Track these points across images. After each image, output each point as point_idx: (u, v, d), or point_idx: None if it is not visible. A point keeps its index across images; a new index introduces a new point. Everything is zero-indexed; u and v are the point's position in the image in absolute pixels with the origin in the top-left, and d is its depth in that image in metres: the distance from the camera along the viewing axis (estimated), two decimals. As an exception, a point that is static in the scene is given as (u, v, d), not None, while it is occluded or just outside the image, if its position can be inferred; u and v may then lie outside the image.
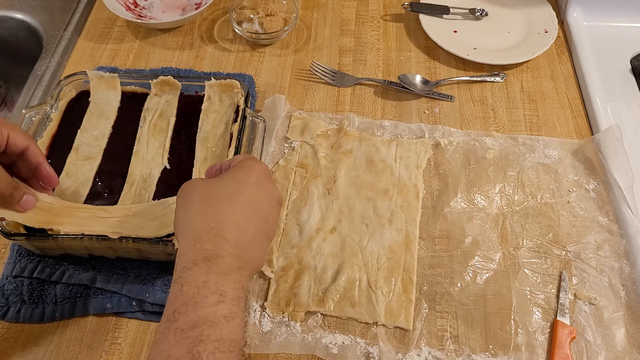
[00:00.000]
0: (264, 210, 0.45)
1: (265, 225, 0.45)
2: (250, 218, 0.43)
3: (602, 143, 0.73)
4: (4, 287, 0.62)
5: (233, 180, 0.45)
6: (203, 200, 0.44)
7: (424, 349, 0.59)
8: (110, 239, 0.57)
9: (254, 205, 0.44)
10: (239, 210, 0.43)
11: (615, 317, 0.60)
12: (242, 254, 0.41)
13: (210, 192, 0.44)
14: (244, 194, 0.44)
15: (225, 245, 0.41)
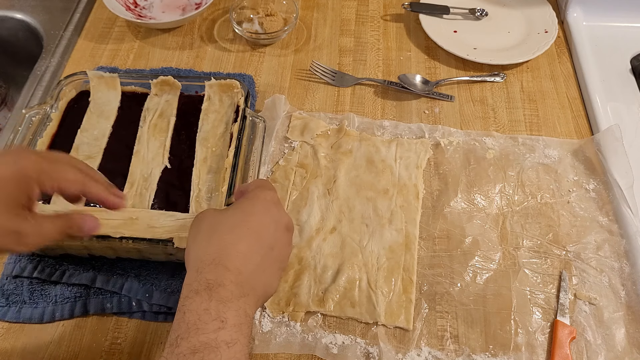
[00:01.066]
0: (269, 237, 0.45)
1: (271, 252, 0.45)
2: (254, 246, 0.44)
3: (602, 143, 0.73)
4: (4, 287, 0.62)
5: (238, 211, 0.46)
6: (209, 231, 0.45)
7: (424, 349, 0.59)
8: (110, 239, 0.57)
9: (258, 233, 0.45)
10: (243, 239, 0.44)
11: (615, 317, 0.60)
12: (245, 281, 0.42)
13: (216, 222, 0.45)
14: (248, 223, 0.45)
15: (226, 274, 0.41)
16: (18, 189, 0.44)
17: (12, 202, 0.44)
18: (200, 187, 0.65)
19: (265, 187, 0.50)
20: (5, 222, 0.43)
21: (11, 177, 0.44)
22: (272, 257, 0.45)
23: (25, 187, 0.45)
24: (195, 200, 0.64)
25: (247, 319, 0.41)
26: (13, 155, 0.46)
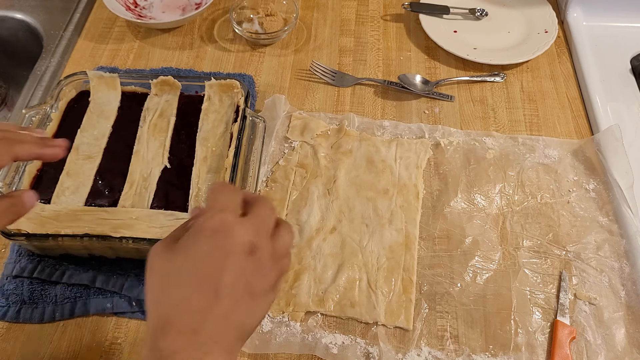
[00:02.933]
0: (225, 277, 0.37)
1: (233, 290, 0.37)
2: (208, 296, 0.37)
3: (602, 143, 0.73)
4: (4, 287, 0.62)
5: (182, 256, 0.38)
6: (159, 286, 0.39)
7: (424, 349, 0.59)
8: (110, 239, 0.57)
9: (210, 278, 0.37)
10: (194, 292, 0.37)
11: (615, 317, 0.60)
12: (205, 341, 0.36)
13: (164, 275, 0.39)
14: (196, 270, 0.37)
15: (179, 339, 0.36)
16: None
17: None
18: (199, 187, 0.65)
19: (212, 210, 0.40)
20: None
21: None
22: (236, 295, 0.38)
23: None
24: (194, 199, 0.64)
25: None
26: None
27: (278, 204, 0.69)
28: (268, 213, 0.41)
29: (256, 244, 0.39)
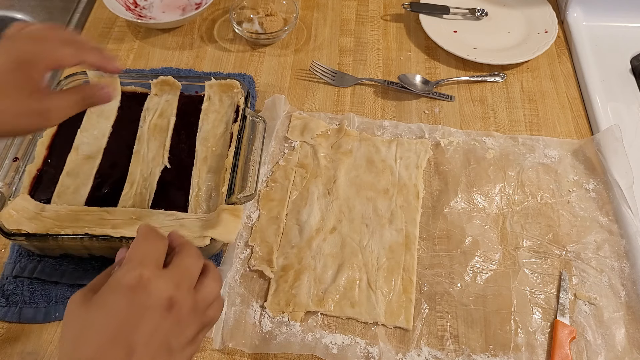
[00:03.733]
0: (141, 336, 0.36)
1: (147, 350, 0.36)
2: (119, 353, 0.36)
3: (602, 143, 0.73)
4: (4, 287, 0.62)
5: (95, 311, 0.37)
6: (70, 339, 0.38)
7: (424, 349, 0.59)
8: (110, 239, 0.57)
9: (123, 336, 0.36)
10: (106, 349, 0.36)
11: (615, 317, 0.60)
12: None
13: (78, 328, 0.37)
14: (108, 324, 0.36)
15: None
16: (20, 75, 0.47)
17: (21, 88, 0.47)
18: (199, 186, 0.65)
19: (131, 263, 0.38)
20: (23, 106, 0.47)
21: (10, 69, 0.47)
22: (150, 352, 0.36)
23: (26, 72, 0.47)
24: (194, 199, 0.64)
25: None
26: (4, 46, 0.48)
27: (278, 204, 0.69)
28: (192, 262, 0.40)
29: (175, 299, 0.37)
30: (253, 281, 0.63)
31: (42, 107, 0.48)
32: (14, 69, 0.47)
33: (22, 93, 0.47)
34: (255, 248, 0.65)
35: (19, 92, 0.47)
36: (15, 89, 0.47)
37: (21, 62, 0.47)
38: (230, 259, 0.64)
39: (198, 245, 0.57)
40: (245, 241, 0.66)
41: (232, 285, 0.62)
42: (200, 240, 0.57)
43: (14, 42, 0.49)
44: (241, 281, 0.63)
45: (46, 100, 0.48)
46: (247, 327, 0.60)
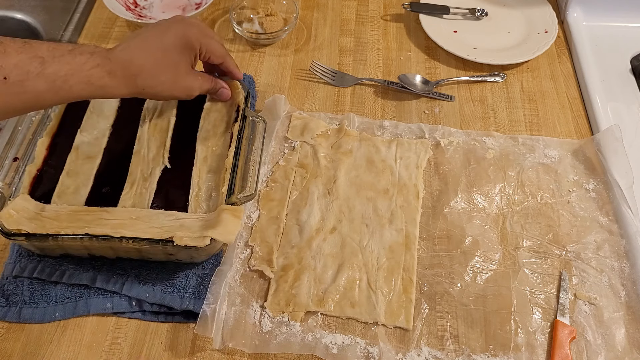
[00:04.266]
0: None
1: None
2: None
3: (602, 143, 0.73)
4: (4, 287, 0.62)
5: None
6: None
7: (424, 349, 0.59)
8: (110, 239, 0.57)
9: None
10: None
11: (615, 317, 0.60)
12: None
13: None
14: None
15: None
16: (183, 55, 0.60)
17: (182, 66, 0.60)
18: (200, 186, 0.65)
19: None
20: (181, 80, 0.60)
21: (178, 46, 0.59)
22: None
23: (189, 54, 0.61)
24: (194, 199, 0.64)
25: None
26: (177, 26, 0.60)
27: (278, 204, 0.69)
28: None
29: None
30: (253, 281, 0.63)
31: (191, 85, 0.62)
32: (180, 48, 0.59)
33: (182, 70, 0.60)
34: (255, 248, 0.65)
35: (180, 69, 0.60)
36: (178, 66, 0.59)
37: (187, 45, 0.59)
38: (230, 259, 0.64)
39: (198, 245, 0.57)
40: (245, 241, 0.66)
41: (232, 285, 0.62)
42: (200, 240, 0.57)
43: (186, 26, 0.60)
44: (241, 281, 0.63)
45: (194, 80, 0.62)
46: (247, 327, 0.60)
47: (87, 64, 0.52)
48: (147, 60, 0.56)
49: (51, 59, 0.49)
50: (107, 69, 0.53)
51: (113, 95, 0.56)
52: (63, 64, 0.50)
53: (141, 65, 0.56)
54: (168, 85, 0.59)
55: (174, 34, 0.59)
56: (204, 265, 0.64)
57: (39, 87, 0.48)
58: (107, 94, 0.55)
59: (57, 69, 0.49)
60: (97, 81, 0.53)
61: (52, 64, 0.49)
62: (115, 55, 0.55)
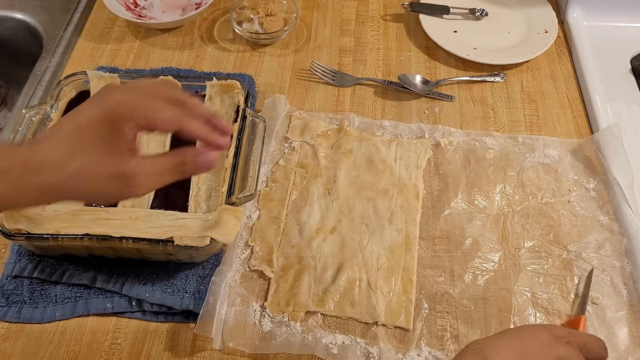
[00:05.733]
0: None
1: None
2: None
3: (602, 142, 0.73)
4: (4, 287, 0.62)
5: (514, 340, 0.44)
6: None
7: (424, 349, 0.59)
8: (111, 239, 0.57)
9: None
10: None
11: (617, 316, 0.60)
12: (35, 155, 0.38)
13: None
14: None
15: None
16: (108, 131, 0.41)
17: (106, 146, 0.41)
18: (199, 186, 0.65)
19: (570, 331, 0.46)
20: (106, 166, 0.40)
21: (97, 121, 0.41)
22: None
23: (115, 128, 0.41)
24: (194, 199, 0.64)
25: None
26: (97, 97, 0.43)
27: (278, 204, 0.69)
28: None
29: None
30: (253, 281, 0.63)
31: (125, 171, 0.40)
32: (101, 121, 0.41)
33: (104, 150, 0.40)
34: (255, 248, 0.65)
35: (100, 150, 0.40)
36: (96, 146, 0.40)
37: (112, 115, 0.41)
38: (230, 259, 0.64)
39: (198, 245, 0.57)
40: (245, 241, 0.66)
41: (232, 285, 0.62)
42: (200, 240, 0.57)
43: (112, 92, 0.42)
44: (241, 281, 0.63)
45: (132, 164, 0.41)
46: (247, 327, 0.60)
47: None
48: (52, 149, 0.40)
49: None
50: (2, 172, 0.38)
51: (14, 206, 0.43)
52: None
53: (41, 158, 0.39)
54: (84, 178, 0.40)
55: (92, 106, 0.42)
56: (204, 265, 0.64)
57: None
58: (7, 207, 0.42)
59: None
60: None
61: None
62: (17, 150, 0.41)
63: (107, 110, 0.41)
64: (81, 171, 0.39)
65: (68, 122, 0.41)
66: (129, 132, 0.41)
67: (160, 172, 0.42)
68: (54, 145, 0.40)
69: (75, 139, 0.40)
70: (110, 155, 0.40)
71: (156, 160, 0.42)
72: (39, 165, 0.39)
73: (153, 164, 0.42)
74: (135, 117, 0.41)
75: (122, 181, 0.41)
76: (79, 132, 0.40)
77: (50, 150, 0.39)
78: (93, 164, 0.40)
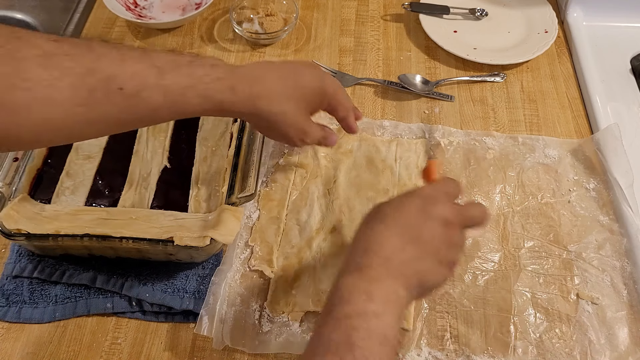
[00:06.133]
0: (419, 231, 0.46)
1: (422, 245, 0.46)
2: (404, 237, 0.46)
3: (602, 142, 0.73)
4: (4, 287, 0.62)
5: (394, 204, 0.48)
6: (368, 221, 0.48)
7: (424, 349, 0.58)
8: (111, 239, 0.57)
9: (407, 227, 0.46)
10: (392, 231, 0.46)
11: (617, 316, 0.60)
12: (393, 267, 0.44)
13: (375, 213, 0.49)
14: (398, 216, 0.47)
15: (375, 259, 0.44)
16: (318, 100, 0.58)
17: (310, 109, 0.57)
18: (199, 187, 0.65)
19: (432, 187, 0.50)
20: (303, 122, 0.56)
21: (317, 90, 0.57)
22: (423, 249, 0.46)
23: (321, 100, 0.58)
24: (194, 199, 0.64)
25: (396, 297, 0.43)
26: (319, 72, 0.58)
27: (278, 204, 0.69)
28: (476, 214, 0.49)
29: (451, 221, 0.47)
30: (253, 281, 0.63)
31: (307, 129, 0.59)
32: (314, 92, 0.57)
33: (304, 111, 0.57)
34: (255, 248, 0.65)
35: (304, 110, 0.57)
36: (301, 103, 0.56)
37: (321, 91, 0.57)
38: (230, 259, 0.64)
39: (198, 245, 0.56)
40: (245, 241, 0.66)
41: (232, 285, 0.62)
42: (200, 240, 0.57)
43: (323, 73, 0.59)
44: (241, 281, 0.63)
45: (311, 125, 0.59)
46: (247, 327, 0.59)
47: (207, 76, 0.47)
48: (276, 85, 0.53)
49: (169, 70, 0.45)
50: (229, 84, 0.49)
51: (228, 113, 0.52)
52: (182, 76, 0.46)
53: (268, 88, 0.52)
54: (288, 118, 0.54)
55: (312, 76, 0.57)
56: (204, 265, 0.64)
57: (154, 99, 0.44)
58: (223, 112, 0.51)
59: (174, 80, 0.45)
60: (216, 95, 0.48)
61: (170, 75, 0.45)
62: (241, 70, 0.51)
63: (321, 86, 0.57)
64: (289, 113, 0.54)
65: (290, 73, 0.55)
66: (322, 106, 0.60)
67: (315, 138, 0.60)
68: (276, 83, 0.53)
69: (294, 90, 0.54)
70: (305, 115, 0.57)
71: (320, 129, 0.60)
72: (264, 93, 0.52)
73: (315, 130, 0.59)
74: (332, 100, 0.59)
75: (302, 135, 0.57)
76: (297, 87, 0.55)
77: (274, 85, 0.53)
78: (298, 114, 0.55)
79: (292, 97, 0.54)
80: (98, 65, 0.41)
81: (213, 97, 0.48)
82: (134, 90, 0.43)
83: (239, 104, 0.50)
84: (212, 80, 0.48)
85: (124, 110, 0.43)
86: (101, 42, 0.44)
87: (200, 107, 0.48)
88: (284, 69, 0.55)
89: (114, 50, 0.43)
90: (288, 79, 0.54)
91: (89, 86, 0.41)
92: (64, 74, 0.40)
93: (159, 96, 0.45)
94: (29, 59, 0.38)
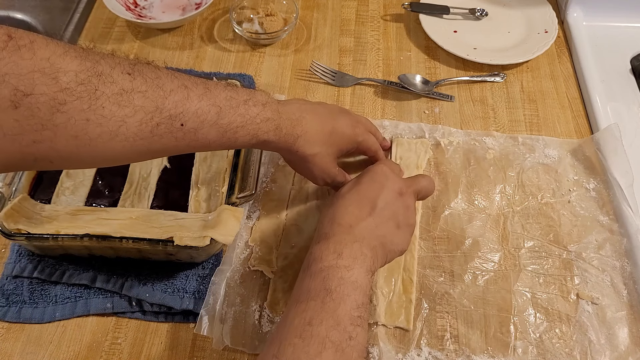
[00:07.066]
0: (377, 200, 0.54)
1: (381, 212, 0.53)
2: (363, 208, 0.53)
3: (602, 142, 0.73)
4: (4, 287, 0.62)
5: (353, 181, 0.58)
6: (331, 201, 0.58)
7: (424, 349, 0.58)
8: (111, 239, 0.57)
9: (367, 198, 0.54)
10: (352, 203, 0.54)
11: (618, 316, 0.60)
12: (356, 233, 0.51)
13: (337, 192, 0.58)
14: (358, 190, 0.56)
15: (338, 227, 0.52)
16: (348, 146, 0.62)
17: (339, 153, 0.61)
18: (199, 187, 0.65)
19: (383, 163, 0.60)
20: (330, 166, 0.60)
21: (348, 138, 0.61)
22: (381, 216, 0.53)
23: (350, 146, 0.62)
24: (194, 200, 0.64)
25: (362, 255, 0.50)
26: (353, 120, 0.63)
27: (277, 204, 0.69)
28: (424, 184, 0.60)
29: (404, 191, 0.56)
30: (253, 281, 0.63)
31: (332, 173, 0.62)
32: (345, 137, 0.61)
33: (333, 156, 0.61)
34: (255, 248, 0.65)
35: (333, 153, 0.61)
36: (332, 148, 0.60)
37: (352, 137, 0.62)
38: (230, 258, 0.64)
39: (198, 245, 0.57)
40: (245, 241, 0.66)
41: (232, 285, 0.62)
42: (200, 240, 0.57)
43: (355, 120, 0.64)
44: (241, 281, 0.63)
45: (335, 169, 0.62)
46: (247, 327, 0.59)
47: (258, 116, 0.51)
48: (314, 127, 0.57)
49: (227, 109, 0.48)
50: (276, 124, 0.53)
51: (268, 148, 0.55)
52: (237, 116, 0.49)
53: (307, 131, 0.56)
54: (318, 160, 0.58)
55: (346, 122, 0.61)
56: (204, 265, 0.64)
57: (211, 135, 0.48)
58: (264, 146, 0.54)
59: (231, 120, 0.49)
60: (262, 135, 0.52)
61: (228, 114, 0.48)
62: (286, 110, 0.55)
63: (352, 133, 0.61)
64: (320, 155, 0.58)
65: (328, 117, 0.59)
66: (350, 151, 0.64)
67: (336, 183, 0.62)
68: (315, 125, 0.57)
69: (329, 133, 0.58)
70: (334, 159, 0.61)
71: (342, 175, 0.63)
72: (303, 133, 0.55)
73: (339, 176, 0.62)
74: (361, 146, 0.63)
75: (326, 176, 0.61)
76: (332, 131, 0.59)
77: (312, 127, 0.57)
78: (327, 157, 0.59)
79: (326, 142, 0.58)
80: (166, 103, 0.44)
81: (260, 136, 0.52)
82: (194, 127, 0.46)
83: (280, 142, 0.54)
84: (262, 120, 0.51)
85: (180, 142, 0.46)
86: (169, 74, 0.46)
87: (248, 143, 0.52)
88: (322, 113, 0.59)
89: (181, 86, 0.46)
90: (325, 124, 0.58)
91: (155, 122, 0.43)
92: (135, 111, 0.42)
93: (215, 133, 0.48)
94: (106, 97, 0.40)
